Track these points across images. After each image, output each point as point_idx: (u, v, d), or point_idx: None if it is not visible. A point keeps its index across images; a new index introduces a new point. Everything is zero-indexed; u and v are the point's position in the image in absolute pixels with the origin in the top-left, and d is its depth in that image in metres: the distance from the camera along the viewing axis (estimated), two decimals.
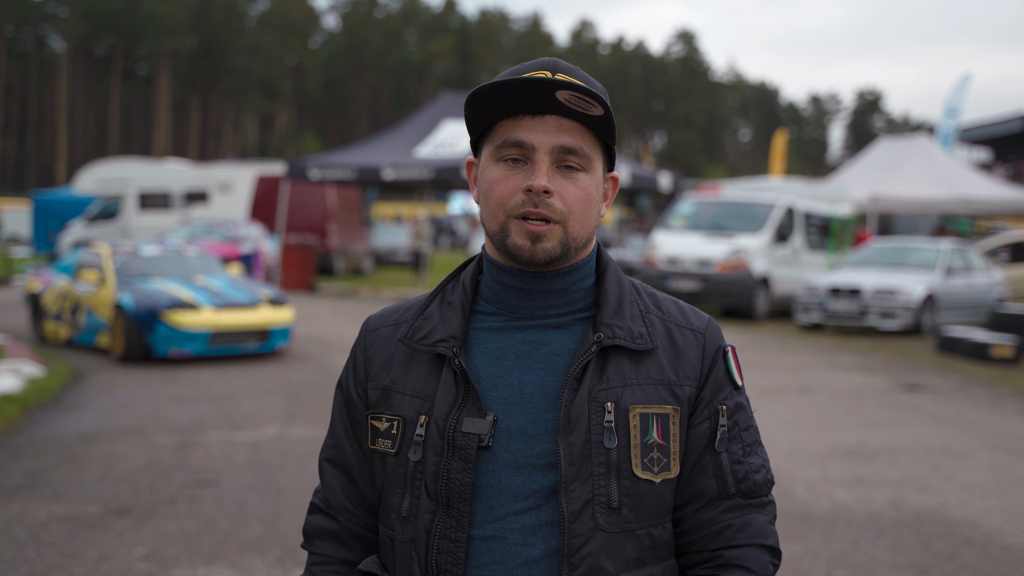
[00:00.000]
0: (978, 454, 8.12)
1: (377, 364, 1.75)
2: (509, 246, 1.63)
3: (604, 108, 1.59)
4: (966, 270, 17.93)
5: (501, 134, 1.64)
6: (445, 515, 1.62)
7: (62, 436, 8.28)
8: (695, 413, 1.69)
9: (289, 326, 13.09)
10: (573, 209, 1.62)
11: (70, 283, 13.54)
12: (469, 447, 1.61)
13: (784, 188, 20.88)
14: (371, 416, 1.73)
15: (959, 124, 34.84)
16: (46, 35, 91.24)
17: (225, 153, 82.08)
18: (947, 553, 5.64)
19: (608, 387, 1.63)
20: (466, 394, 1.64)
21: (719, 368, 1.72)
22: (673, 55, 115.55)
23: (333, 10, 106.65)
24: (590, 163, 1.64)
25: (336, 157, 24.38)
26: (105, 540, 5.63)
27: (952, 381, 12.07)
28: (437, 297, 1.76)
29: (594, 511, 1.59)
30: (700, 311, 1.79)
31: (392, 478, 1.69)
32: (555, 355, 1.66)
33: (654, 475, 1.63)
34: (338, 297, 22.79)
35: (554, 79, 1.57)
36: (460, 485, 1.61)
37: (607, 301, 1.69)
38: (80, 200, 31.17)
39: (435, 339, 1.68)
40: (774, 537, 1.71)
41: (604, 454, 1.61)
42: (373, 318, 1.83)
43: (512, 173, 1.63)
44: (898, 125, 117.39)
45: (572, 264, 1.69)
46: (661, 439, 1.64)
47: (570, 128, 1.62)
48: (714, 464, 1.68)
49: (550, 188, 1.60)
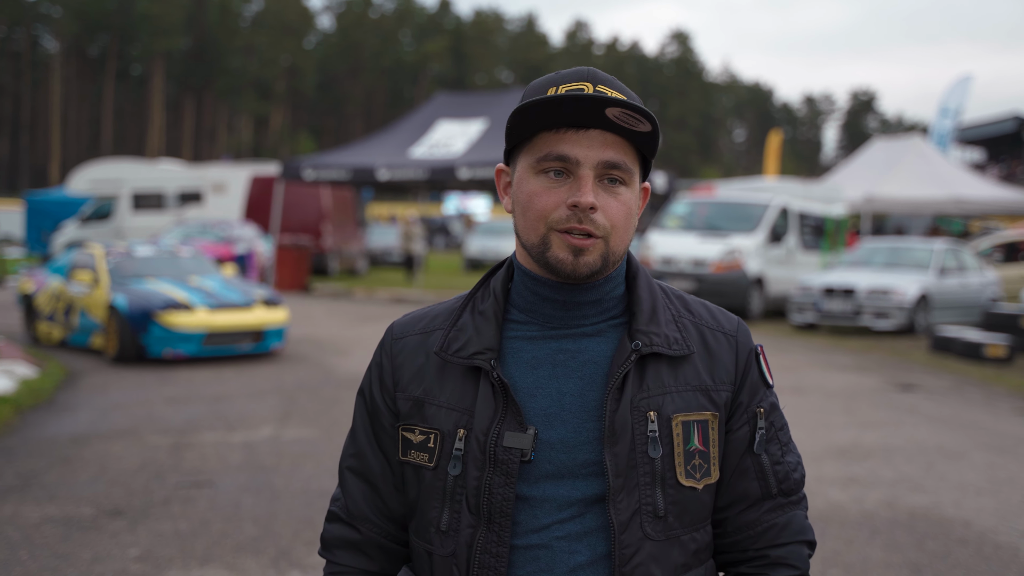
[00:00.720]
0: (972, 454, 8.13)
1: (406, 374, 1.73)
2: (550, 259, 1.62)
3: (652, 124, 1.59)
4: (960, 270, 17.96)
5: (543, 147, 1.62)
6: (487, 529, 1.61)
7: (55, 437, 8.26)
8: (733, 417, 1.71)
9: (283, 327, 13.08)
10: (616, 223, 1.62)
11: (63, 284, 13.51)
12: (511, 462, 1.61)
13: (778, 188, 20.89)
14: (403, 427, 1.71)
15: (959, 124, 34.85)
16: (39, 35, 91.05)
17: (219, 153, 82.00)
18: (941, 552, 5.65)
19: (649, 395, 1.64)
20: (506, 407, 1.62)
21: (753, 370, 1.74)
22: (668, 55, 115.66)
23: (327, 10, 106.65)
24: (631, 177, 1.64)
25: (330, 157, 24.35)
26: (98, 541, 5.62)
27: (946, 381, 12.08)
28: (468, 306, 1.74)
29: (642, 520, 1.61)
30: (729, 313, 1.79)
31: (429, 492, 1.67)
32: (592, 363, 1.66)
33: (697, 482, 1.65)
34: (333, 298, 22.77)
35: (603, 95, 1.56)
36: (502, 500, 1.61)
37: (641, 308, 1.69)
38: (73, 201, 31.10)
39: (471, 351, 1.66)
40: (811, 531, 1.75)
41: (649, 464, 1.61)
42: (398, 325, 1.80)
43: (554, 186, 1.61)
44: (892, 126, 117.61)
45: (608, 275, 1.69)
46: (702, 445, 1.66)
47: (614, 143, 1.61)
48: (756, 466, 1.71)
49: (596, 204, 1.59)
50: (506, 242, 34.37)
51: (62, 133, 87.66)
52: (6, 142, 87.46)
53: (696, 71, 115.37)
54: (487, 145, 21.86)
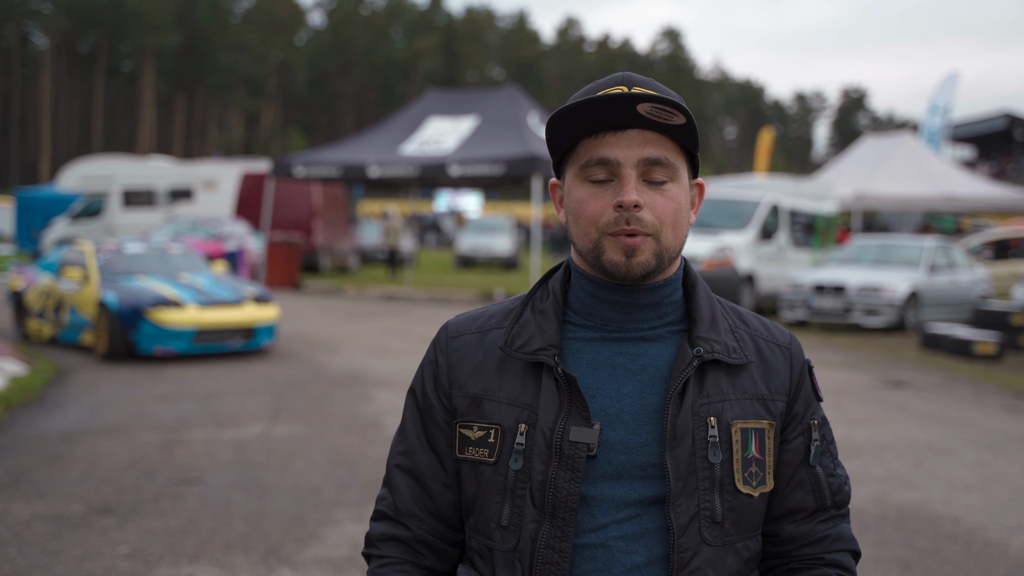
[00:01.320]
0: (961, 450, 8.16)
1: (463, 371, 1.74)
2: (604, 263, 1.64)
3: (686, 116, 1.59)
4: (950, 267, 18.01)
5: (584, 153, 1.64)
6: (550, 524, 1.62)
7: (45, 435, 8.24)
8: (787, 428, 1.73)
9: (274, 324, 13.06)
10: (664, 220, 1.63)
11: (53, 281, 13.48)
12: (578, 456, 1.61)
13: (769, 186, 20.92)
14: (460, 425, 1.72)
15: (949, 121, 34.93)
16: (29, 32, 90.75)
17: (210, 150, 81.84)
18: (930, 549, 5.67)
19: (709, 401, 1.65)
20: (570, 403, 1.63)
21: (806, 383, 1.76)
22: (659, 53, 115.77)
23: (319, 7, 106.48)
24: (676, 172, 1.65)
25: (321, 154, 24.32)
26: (88, 539, 5.61)
27: (935, 378, 12.12)
28: (528, 305, 1.76)
29: (700, 525, 1.62)
30: (780, 326, 1.83)
31: (489, 487, 1.68)
32: (652, 367, 1.68)
33: (753, 489, 1.67)
34: (324, 295, 22.74)
35: (632, 92, 1.57)
36: (568, 495, 1.61)
37: (701, 316, 1.70)
38: (64, 197, 31.02)
39: (535, 347, 1.67)
40: (856, 542, 1.79)
41: (709, 469, 1.63)
42: (453, 323, 1.81)
43: (600, 191, 1.63)
44: (883, 123, 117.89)
45: (666, 278, 1.70)
46: (759, 454, 1.68)
47: (653, 140, 1.62)
48: (811, 478, 1.73)
49: (640, 202, 1.60)
50: (497, 240, 34.39)
51: (52, 130, 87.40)
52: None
53: (687, 68, 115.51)
54: (478, 142, 21.85)
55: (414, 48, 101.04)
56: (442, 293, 23.11)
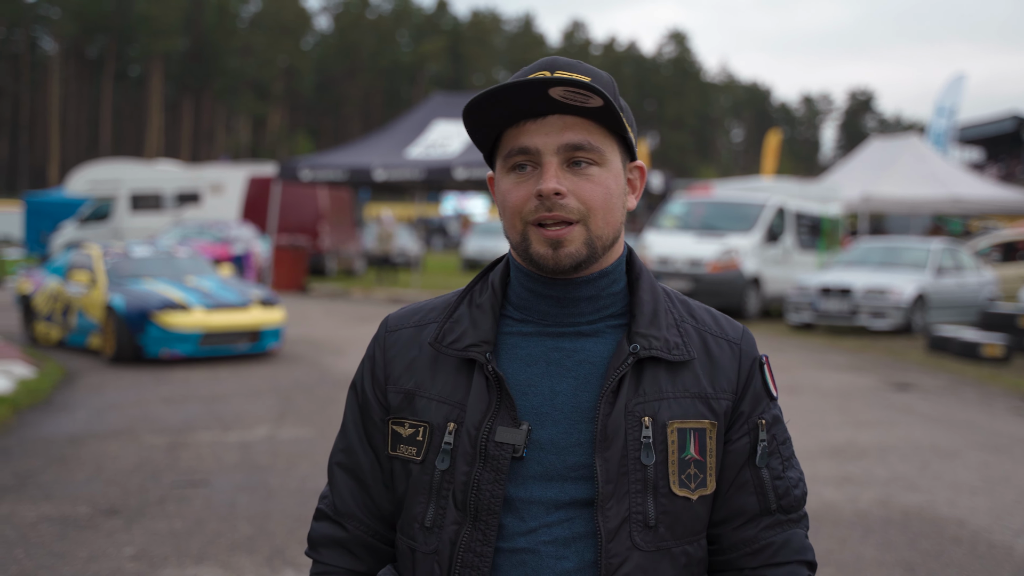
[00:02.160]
0: (967, 453, 8.15)
1: (399, 366, 1.68)
2: (533, 256, 1.57)
3: (603, 98, 1.51)
4: (957, 270, 17.98)
5: (507, 143, 1.59)
6: (472, 527, 1.56)
7: (52, 437, 8.28)
8: (733, 427, 1.64)
9: (280, 327, 13.09)
10: (592, 206, 1.56)
11: (61, 284, 13.52)
12: (502, 457, 1.56)
13: (775, 188, 20.91)
14: (392, 421, 1.66)
15: (955, 123, 34.85)
16: (38, 36, 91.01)
17: (217, 154, 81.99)
18: (934, 551, 5.67)
19: (645, 400, 1.58)
20: (499, 402, 1.57)
21: (756, 380, 1.67)
22: (665, 55, 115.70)
23: (325, 11, 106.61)
24: (602, 156, 1.57)
25: (327, 158, 24.36)
26: (94, 540, 5.63)
27: (942, 380, 12.10)
28: (465, 299, 1.69)
29: (631, 529, 1.55)
30: (734, 320, 1.73)
31: (416, 486, 1.62)
32: (588, 363, 1.60)
33: (691, 492, 1.59)
34: (330, 298, 22.78)
35: (544, 78, 1.50)
36: (491, 497, 1.55)
37: (642, 310, 1.63)
38: (72, 201, 31.10)
39: (466, 343, 1.61)
40: (811, 552, 1.67)
41: (641, 471, 1.56)
42: (393, 318, 1.76)
43: (523, 180, 1.57)
44: (890, 125, 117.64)
45: (602, 269, 1.63)
46: (698, 455, 1.60)
47: (574, 124, 1.55)
48: (755, 480, 1.64)
49: (561, 189, 1.53)
50: (503, 242, 34.36)
51: (61, 134, 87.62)
52: (5, 143, 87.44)
53: (693, 71, 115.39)
54: None
55: (420, 51, 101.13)
56: None
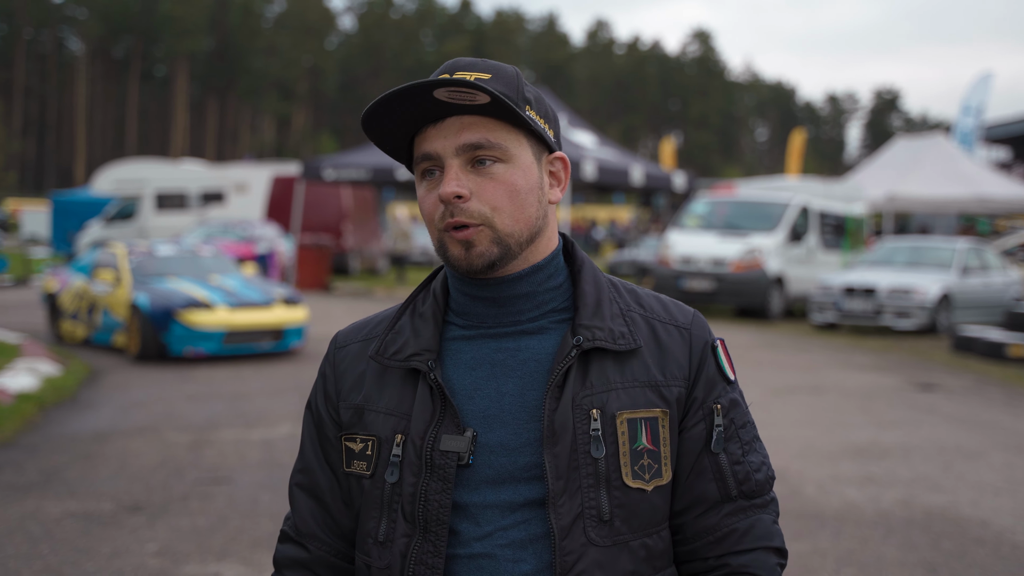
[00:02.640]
0: (991, 453, 8.10)
1: (348, 382, 1.66)
2: (450, 259, 1.55)
3: (489, 94, 1.47)
4: (982, 269, 17.85)
5: (416, 151, 1.57)
6: (422, 539, 1.53)
7: (77, 434, 8.35)
8: (688, 415, 1.60)
9: (303, 325, 13.15)
10: (497, 205, 1.52)
11: (87, 283, 13.63)
12: (448, 466, 1.53)
13: (799, 187, 20.83)
14: (345, 437, 1.64)
15: (982, 122, 34.57)
16: (65, 37, 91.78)
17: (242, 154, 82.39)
18: (957, 552, 5.64)
19: (592, 393, 1.54)
20: (443, 410, 1.55)
21: (709, 365, 1.63)
22: (689, 55, 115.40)
23: (349, 11, 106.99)
24: (505, 152, 1.53)
25: (350, 157, 24.44)
26: (118, 536, 5.68)
27: (966, 381, 12.02)
28: (408, 309, 1.66)
29: (585, 525, 1.51)
30: (684, 306, 1.69)
31: (368, 501, 1.60)
32: (533, 361, 1.57)
33: (646, 483, 1.55)
34: (353, 297, 22.85)
35: (425, 81, 1.48)
36: (439, 507, 1.53)
37: (584, 302, 1.59)
38: (98, 201, 31.36)
39: (408, 353, 1.59)
40: (779, 537, 1.63)
41: (592, 464, 1.52)
42: (342, 334, 1.73)
43: (432, 187, 1.55)
44: (916, 124, 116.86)
45: (533, 264, 1.60)
46: (651, 444, 1.56)
47: (472, 124, 1.52)
48: (713, 466, 1.60)
49: (461, 192, 1.51)
50: None
51: (87, 134, 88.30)
52: (33, 143, 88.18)
53: (718, 70, 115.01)
54: None
55: (444, 51, 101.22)
56: None
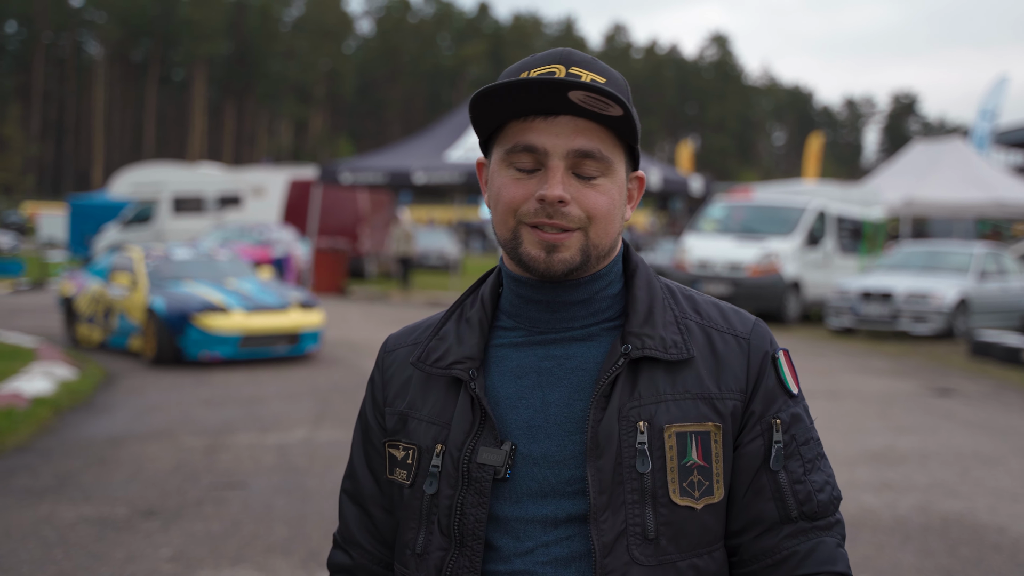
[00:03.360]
0: (1009, 459, 8.04)
1: (394, 387, 1.62)
2: (523, 255, 1.49)
3: (623, 108, 1.43)
4: (1000, 274, 17.74)
5: (511, 137, 1.49)
6: (458, 553, 1.48)
7: (92, 439, 8.37)
8: (745, 430, 1.52)
9: (319, 329, 13.16)
10: (594, 215, 1.47)
11: (103, 286, 13.68)
12: (484, 479, 1.48)
13: (816, 191, 20.75)
14: (388, 444, 1.60)
15: (996, 127, 34.40)
16: (84, 41, 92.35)
17: (259, 157, 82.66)
18: (973, 558, 5.59)
19: (640, 404, 1.47)
20: (483, 421, 1.50)
21: (768, 377, 1.54)
22: (707, 59, 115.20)
23: (367, 15, 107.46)
24: (610, 166, 1.49)
25: (367, 161, 24.47)
26: (132, 541, 5.69)
27: (984, 386, 11.94)
28: (455, 314, 1.62)
29: (628, 543, 1.44)
30: (746, 313, 1.62)
31: (408, 512, 1.56)
32: (581, 370, 1.51)
33: (695, 501, 1.47)
34: (369, 301, 22.88)
35: (566, 80, 1.42)
36: (474, 521, 1.48)
37: (636, 308, 1.53)
38: (115, 204, 31.49)
39: (450, 361, 1.54)
40: (844, 561, 1.53)
41: (637, 479, 1.45)
42: (392, 338, 1.70)
43: (524, 178, 1.48)
44: (934, 128, 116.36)
45: (595, 272, 1.54)
46: (702, 460, 1.48)
47: (586, 129, 1.46)
48: (772, 485, 1.51)
49: (565, 197, 1.45)
50: None
51: (105, 137, 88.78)
52: (51, 146, 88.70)
53: (735, 74, 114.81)
54: None
55: (461, 55, 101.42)
56: None
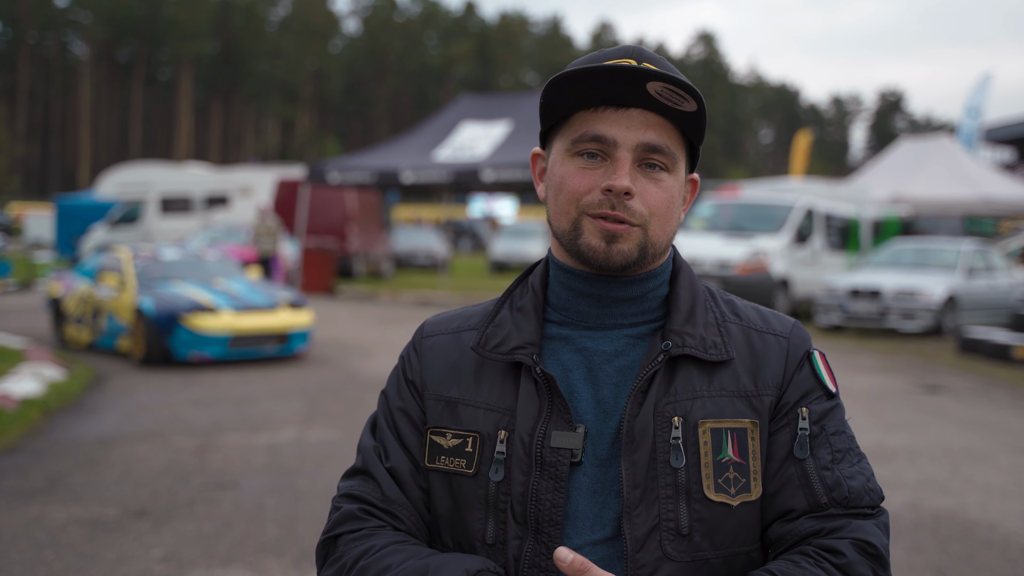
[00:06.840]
0: (998, 456, 8.07)
1: (437, 373, 1.59)
2: (581, 246, 1.48)
3: (698, 103, 1.45)
4: (988, 271, 17.82)
5: (579, 126, 1.49)
6: (535, 541, 1.46)
7: (82, 439, 8.34)
8: (775, 419, 1.51)
9: (308, 329, 13.14)
10: (655, 212, 1.48)
11: (91, 287, 13.63)
12: (560, 464, 1.46)
13: (804, 189, 20.82)
14: (431, 431, 1.56)
15: (981, 124, 34.56)
16: (69, 41, 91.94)
17: (246, 157, 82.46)
18: (964, 555, 5.61)
19: (676, 400, 1.48)
20: (551, 405, 1.48)
21: (804, 372, 1.55)
22: (693, 57, 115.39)
23: (353, 14, 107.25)
24: (675, 163, 1.50)
25: (355, 160, 24.44)
26: (123, 542, 5.67)
27: (973, 382, 11.99)
28: (506, 303, 1.61)
29: (661, 538, 1.43)
30: (784, 316, 1.62)
31: (470, 501, 1.52)
32: (628, 369, 1.51)
33: (731, 497, 1.46)
34: (358, 300, 22.85)
35: (643, 68, 1.42)
36: (551, 507, 1.46)
37: (678, 307, 1.54)
38: (102, 205, 31.38)
39: (511, 346, 1.53)
40: (879, 538, 1.47)
41: (671, 475, 1.45)
42: (429, 323, 1.67)
43: (589, 168, 1.48)
44: (920, 126, 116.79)
45: (649, 270, 1.54)
46: (738, 457, 1.47)
47: (656, 124, 1.47)
48: (799, 473, 1.48)
49: (632, 189, 1.45)
50: (531, 245, 34.40)
51: (92, 138, 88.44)
52: (37, 147, 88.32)
53: (722, 72, 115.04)
54: (511, 147, 21.88)
55: (448, 54, 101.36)
56: (476, 298, 23.13)
